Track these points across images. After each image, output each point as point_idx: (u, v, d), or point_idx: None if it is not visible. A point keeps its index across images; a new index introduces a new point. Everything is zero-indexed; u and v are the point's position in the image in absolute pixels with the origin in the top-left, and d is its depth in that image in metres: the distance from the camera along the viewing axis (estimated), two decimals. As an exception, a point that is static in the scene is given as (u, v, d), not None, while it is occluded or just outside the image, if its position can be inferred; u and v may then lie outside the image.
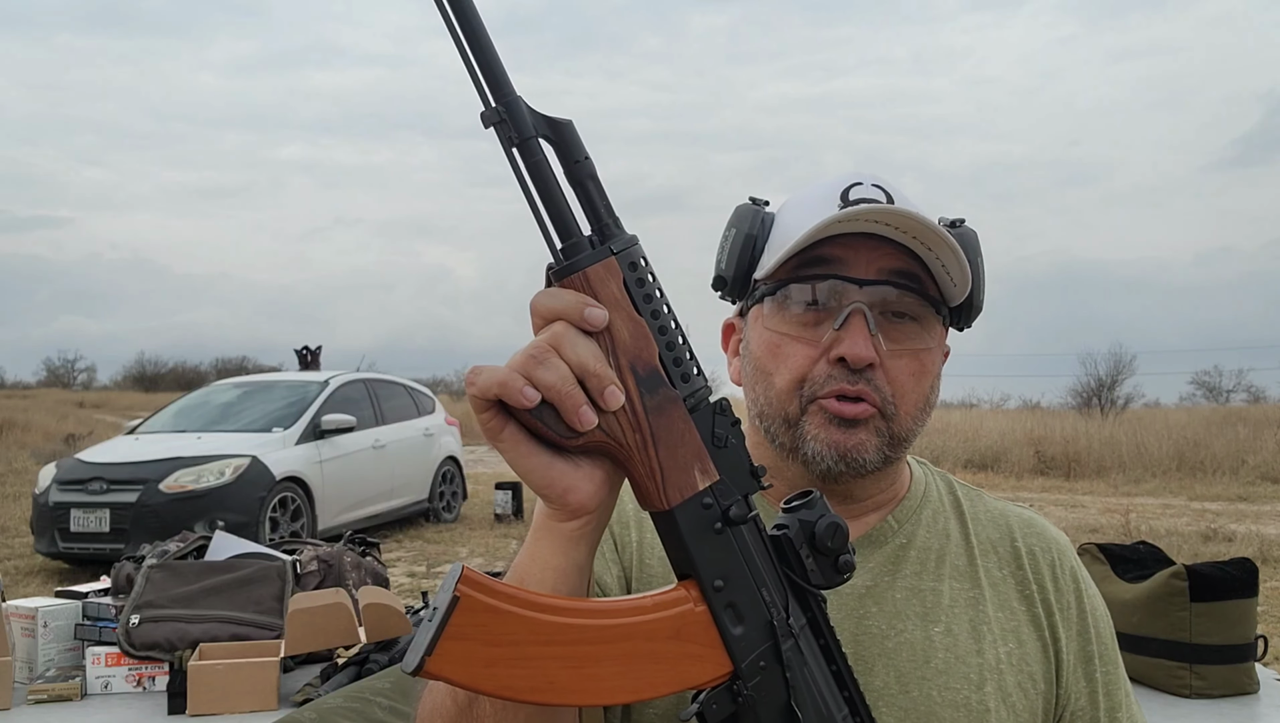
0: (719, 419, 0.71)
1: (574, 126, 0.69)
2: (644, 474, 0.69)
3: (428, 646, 0.63)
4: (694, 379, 0.70)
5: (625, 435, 0.68)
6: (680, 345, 0.70)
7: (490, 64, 0.67)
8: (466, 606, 0.64)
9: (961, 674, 0.93)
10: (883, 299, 0.92)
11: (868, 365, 0.91)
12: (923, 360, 0.94)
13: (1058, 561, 1.01)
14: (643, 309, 0.69)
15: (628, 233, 0.70)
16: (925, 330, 0.94)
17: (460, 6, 0.67)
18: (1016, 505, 1.07)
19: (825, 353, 0.92)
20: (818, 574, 0.73)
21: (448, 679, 0.64)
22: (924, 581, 0.97)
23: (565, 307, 0.67)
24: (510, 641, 0.65)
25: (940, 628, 0.95)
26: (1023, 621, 0.98)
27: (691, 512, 0.70)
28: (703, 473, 0.70)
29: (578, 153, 0.69)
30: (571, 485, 0.68)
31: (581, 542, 0.71)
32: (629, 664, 0.68)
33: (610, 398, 0.66)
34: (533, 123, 0.67)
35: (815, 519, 0.73)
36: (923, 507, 1.02)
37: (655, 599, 0.70)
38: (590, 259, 0.68)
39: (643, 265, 0.69)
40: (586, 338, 0.67)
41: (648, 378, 0.68)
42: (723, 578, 0.70)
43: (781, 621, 0.72)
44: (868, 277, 0.92)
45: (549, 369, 0.65)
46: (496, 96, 0.67)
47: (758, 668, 0.71)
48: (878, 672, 0.92)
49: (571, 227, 0.68)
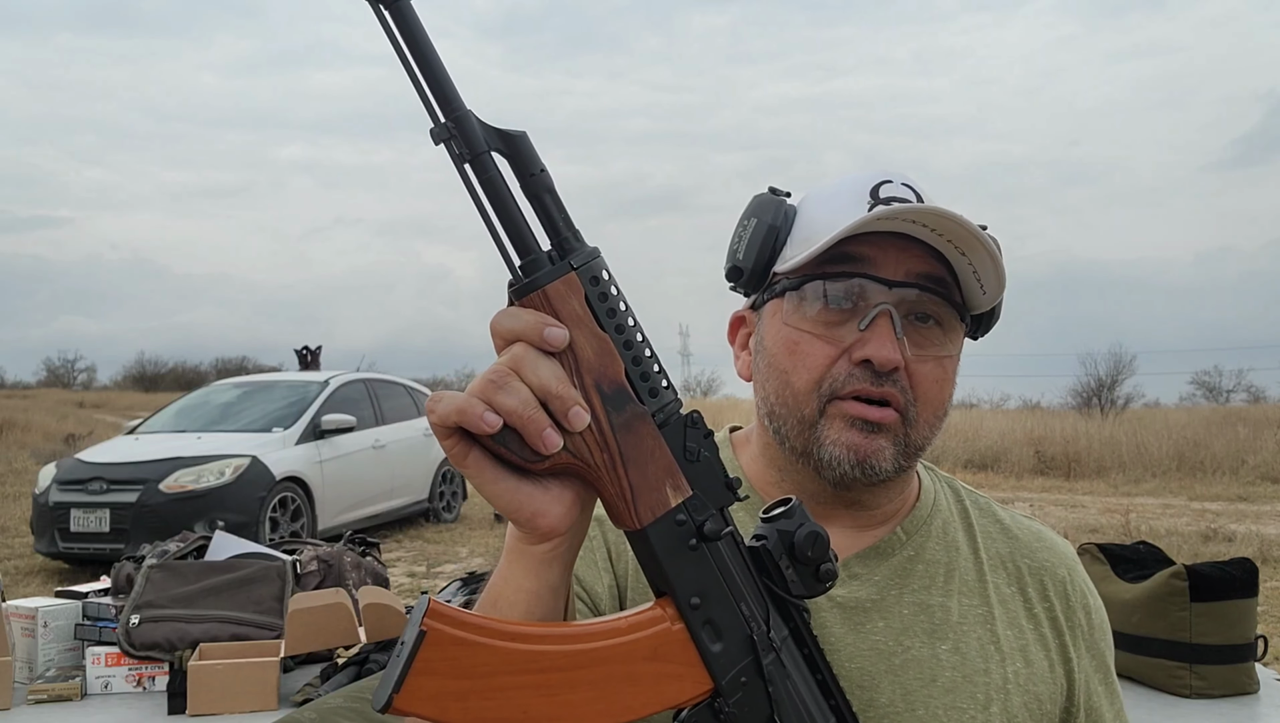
0: (690, 432, 0.69)
1: (528, 139, 0.66)
2: (614, 494, 0.67)
3: (395, 682, 0.62)
4: (663, 393, 0.69)
5: (593, 456, 0.66)
6: (647, 359, 0.68)
7: (438, 77, 0.65)
8: (434, 639, 0.63)
9: (968, 694, 0.91)
10: (910, 302, 0.90)
11: (893, 369, 0.88)
12: (945, 367, 0.92)
13: (1068, 578, 0.99)
14: (606, 324, 0.67)
15: (589, 246, 0.67)
16: (949, 337, 0.92)
17: (404, 19, 0.65)
18: (1024, 517, 1.05)
19: (846, 353, 0.89)
20: (798, 585, 0.72)
21: (418, 715, 0.63)
22: (932, 596, 0.95)
23: (524, 327, 0.65)
24: (481, 672, 0.64)
25: (948, 646, 0.92)
26: (1030, 640, 0.96)
27: (665, 530, 0.68)
28: (675, 489, 0.68)
29: (533, 166, 0.66)
30: (540, 509, 0.67)
31: (554, 563, 0.70)
32: (605, 688, 0.66)
33: (575, 419, 0.65)
34: (484, 137, 0.65)
35: (794, 529, 0.72)
36: (932, 518, 0.99)
37: (631, 620, 0.69)
38: (549, 276, 0.66)
39: (605, 279, 0.67)
40: (548, 358, 0.65)
41: (614, 395, 0.66)
42: (699, 595, 0.69)
43: (762, 634, 0.70)
44: (896, 278, 0.89)
45: (509, 393, 0.64)
46: (445, 112, 0.65)
47: (739, 684, 0.69)
48: (883, 688, 0.90)
49: (529, 242, 0.66)
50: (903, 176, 0.94)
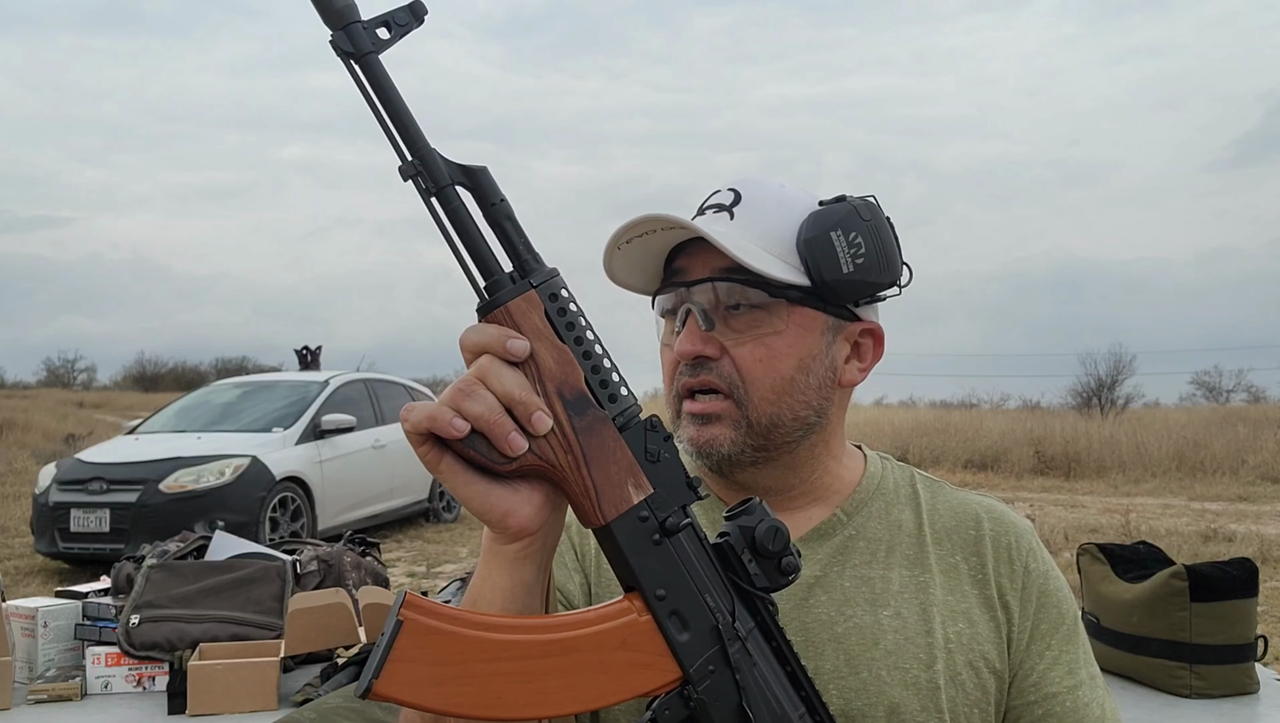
0: (651, 435, 0.74)
1: (489, 172, 0.73)
2: (579, 493, 0.72)
3: (374, 669, 0.66)
4: (622, 399, 0.74)
5: (557, 457, 0.71)
6: (606, 368, 0.74)
7: (403, 120, 0.72)
8: (410, 628, 0.68)
9: (911, 654, 0.95)
10: (714, 295, 0.96)
11: (698, 357, 0.95)
12: (770, 345, 0.96)
13: (1015, 543, 1.03)
14: (565, 336, 0.72)
15: (548, 266, 0.74)
16: (770, 316, 0.96)
17: (372, 71, 0.72)
18: (980, 495, 1.09)
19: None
20: (762, 577, 0.76)
21: (396, 700, 0.67)
22: (873, 569, 1.00)
23: (489, 340, 0.71)
24: (455, 660, 0.68)
25: (889, 612, 0.97)
26: (974, 603, 0.99)
27: (628, 525, 0.73)
28: (637, 487, 0.73)
29: (494, 196, 0.73)
30: (510, 509, 0.72)
31: (526, 561, 0.74)
32: (577, 676, 0.70)
33: (538, 422, 0.70)
34: (448, 172, 0.72)
35: (755, 524, 0.76)
36: (873, 499, 1.04)
37: (600, 612, 0.73)
38: (510, 294, 0.72)
39: (564, 296, 0.73)
40: (512, 368, 0.71)
41: (575, 401, 0.72)
42: (665, 587, 0.73)
43: (727, 624, 0.74)
44: (699, 277, 0.96)
45: (476, 400, 0.69)
46: (411, 151, 0.72)
47: (707, 672, 0.74)
48: (827, 655, 0.95)
49: (492, 265, 0.73)
50: (744, 182, 1.01)
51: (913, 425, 17.81)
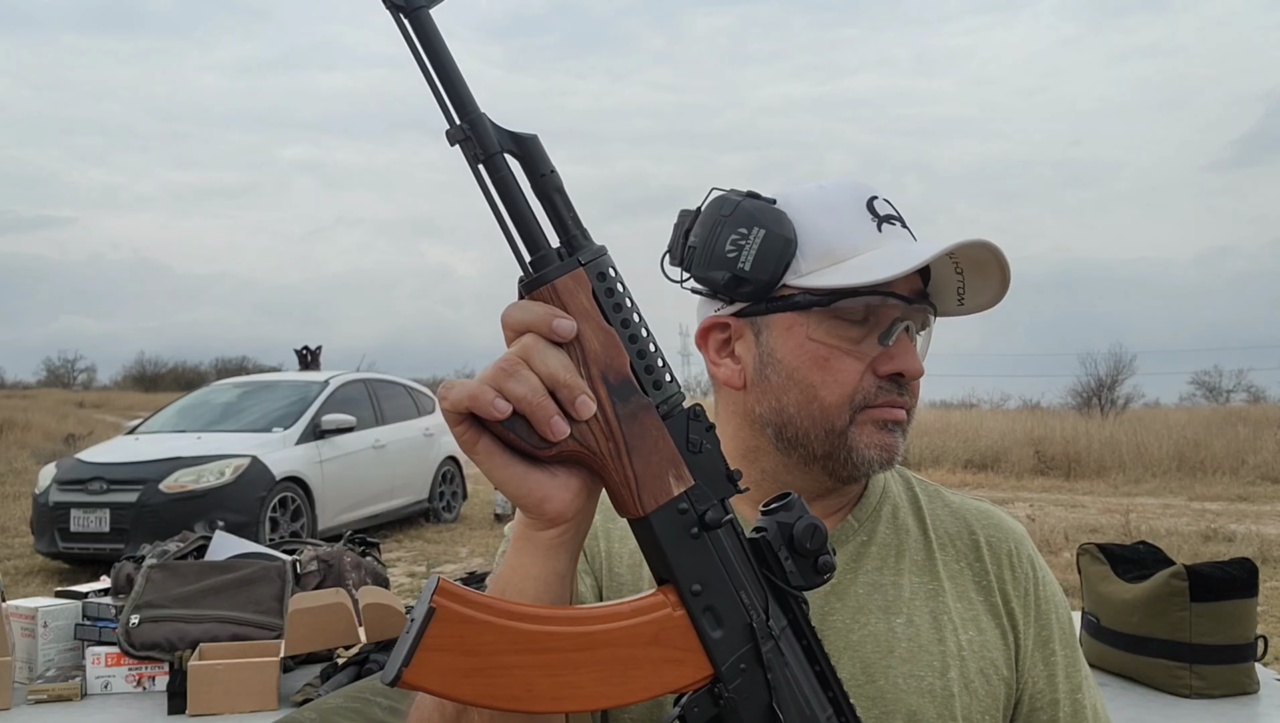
0: (693, 425, 0.72)
1: (539, 141, 0.69)
2: (618, 482, 0.69)
3: (405, 657, 0.64)
4: (666, 386, 0.71)
5: (599, 444, 0.69)
6: (651, 353, 0.71)
7: (453, 82, 0.68)
8: (442, 616, 0.65)
9: (925, 662, 0.95)
10: (917, 314, 0.97)
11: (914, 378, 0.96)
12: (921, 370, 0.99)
13: (1015, 550, 1.04)
14: (612, 319, 0.70)
15: (596, 244, 0.70)
16: (926, 343, 1.00)
17: (422, 27, 0.68)
18: (974, 499, 1.10)
19: (871, 366, 0.95)
20: (797, 576, 0.74)
21: (426, 689, 0.65)
22: (884, 575, 1.00)
23: (534, 319, 0.68)
24: (487, 650, 0.66)
25: (902, 619, 0.97)
26: (981, 610, 1.00)
27: (667, 517, 0.70)
28: (678, 479, 0.70)
29: (544, 166, 0.69)
30: (547, 495, 0.69)
31: (561, 550, 0.72)
32: (608, 670, 0.68)
33: (581, 407, 0.67)
34: (498, 139, 0.68)
35: (794, 521, 0.74)
36: (882, 504, 1.04)
37: (634, 605, 0.71)
38: (558, 271, 0.68)
39: (611, 275, 0.70)
40: (556, 349, 0.68)
41: (619, 387, 0.69)
42: (700, 582, 0.71)
43: (761, 623, 0.72)
44: (908, 293, 0.95)
45: (519, 381, 0.66)
46: (460, 114, 0.68)
47: (738, 670, 0.71)
48: (843, 663, 0.94)
49: (539, 240, 0.69)
50: (871, 187, 1.00)
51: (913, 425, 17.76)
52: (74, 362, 46.32)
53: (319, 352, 11.58)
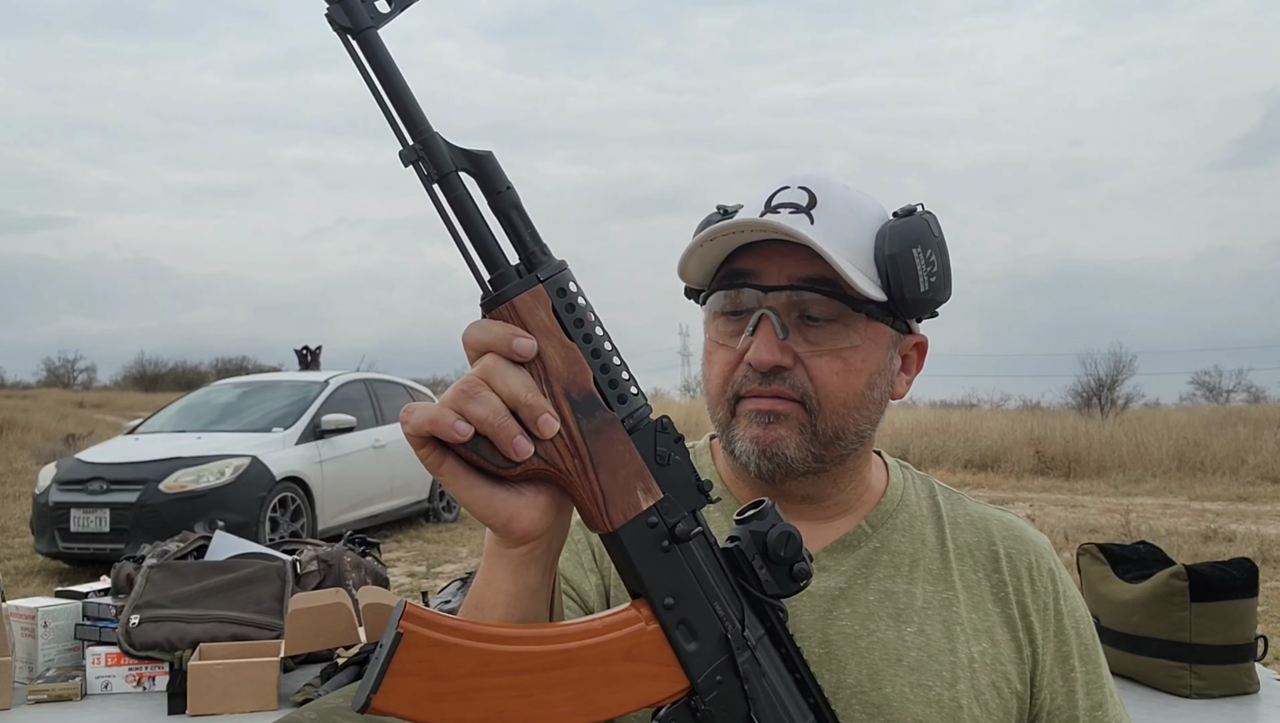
0: (660, 437, 0.71)
1: (494, 158, 0.69)
2: (586, 498, 0.69)
3: (373, 683, 0.64)
4: (632, 400, 0.70)
5: (564, 461, 0.68)
6: (616, 367, 0.70)
7: (404, 102, 0.67)
8: (410, 641, 0.64)
9: (934, 672, 0.94)
10: (795, 303, 0.93)
11: (775, 367, 0.92)
12: (847, 358, 0.94)
13: (1035, 562, 1.02)
14: (574, 334, 0.69)
15: (556, 259, 0.69)
16: (848, 329, 0.94)
17: (371, 48, 0.67)
18: (998, 509, 1.08)
19: (742, 358, 0.95)
20: (772, 584, 0.74)
21: (395, 714, 0.65)
22: (897, 583, 0.98)
23: (493, 339, 0.67)
24: (456, 673, 0.65)
25: (913, 628, 0.96)
26: (997, 622, 0.98)
27: (637, 532, 0.70)
28: (646, 492, 0.70)
29: (499, 183, 0.68)
30: (514, 514, 0.69)
31: (531, 566, 0.72)
32: (582, 688, 0.68)
33: (544, 426, 0.67)
34: (451, 157, 0.67)
35: (767, 529, 0.74)
36: (898, 512, 1.03)
37: (606, 621, 0.70)
38: (516, 289, 0.68)
39: (572, 290, 0.69)
40: (517, 368, 0.67)
41: (583, 402, 0.68)
42: (673, 595, 0.70)
43: (736, 633, 0.72)
44: (777, 283, 0.93)
45: (479, 403, 0.66)
46: (413, 134, 0.67)
47: (714, 683, 0.71)
48: (850, 670, 0.93)
49: (498, 257, 0.68)
50: (806, 179, 0.97)
51: (913, 425, 17.79)
52: (74, 362, 46.35)
53: (319, 352, 11.56)
